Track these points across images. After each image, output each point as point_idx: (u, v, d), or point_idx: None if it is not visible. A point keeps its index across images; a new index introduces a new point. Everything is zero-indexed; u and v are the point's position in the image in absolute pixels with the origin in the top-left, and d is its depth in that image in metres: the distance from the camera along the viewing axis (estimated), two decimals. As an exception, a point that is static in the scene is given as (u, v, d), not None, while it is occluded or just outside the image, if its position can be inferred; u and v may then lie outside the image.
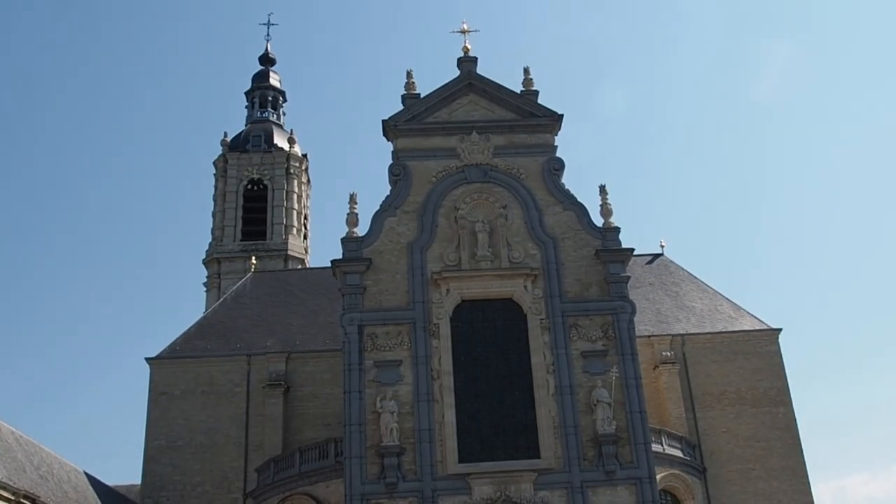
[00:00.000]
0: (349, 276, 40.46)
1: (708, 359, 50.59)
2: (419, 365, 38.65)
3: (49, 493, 38.37)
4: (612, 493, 36.95)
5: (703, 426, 48.80)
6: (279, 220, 73.90)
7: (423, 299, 40.00)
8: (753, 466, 48.06)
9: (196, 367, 49.35)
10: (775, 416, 49.45)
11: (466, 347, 39.69)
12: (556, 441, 37.71)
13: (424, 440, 37.33)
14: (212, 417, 48.22)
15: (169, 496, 46.57)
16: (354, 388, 38.11)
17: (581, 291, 40.69)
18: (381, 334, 39.22)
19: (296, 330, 52.20)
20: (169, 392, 48.72)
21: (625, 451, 37.60)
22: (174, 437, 47.72)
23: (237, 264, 70.16)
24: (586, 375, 38.84)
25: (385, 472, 36.61)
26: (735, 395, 49.79)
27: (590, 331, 39.73)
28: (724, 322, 52.63)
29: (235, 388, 48.95)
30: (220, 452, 47.48)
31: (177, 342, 51.17)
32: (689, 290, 55.42)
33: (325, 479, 41.17)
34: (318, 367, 49.41)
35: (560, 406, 38.22)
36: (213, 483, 46.83)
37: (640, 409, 38.35)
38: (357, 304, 39.83)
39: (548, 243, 41.52)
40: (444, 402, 38.14)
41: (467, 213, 41.89)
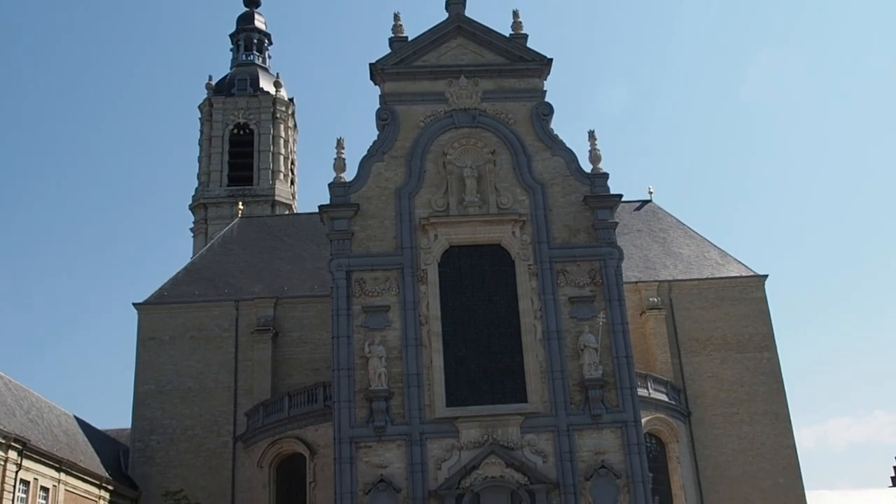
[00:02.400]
0: (337, 222, 40.32)
1: (694, 305, 50.93)
2: (407, 310, 38.74)
3: (39, 437, 38.61)
4: (597, 436, 37.41)
5: (688, 371, 49.32)
6: (266, 165, 73.33)
7: (410, 245, 39.95)
8: (737, 411, 48.72)
9: (184, 313, 49.36)
10: (760, 362, 50.01)
11: (454, 293, 39.77)
12: (543, 385, 38.04)
13: (412, 384, 37.59)
14: (201, 362, 48.39)
15: (159, 440, 46.92)
16: (343, 333, 38.22)
17: (569, 237, 40.71)
18: (369, 280, 39.23)
19: (283, 275, 52.17)
20: (157, 337, 48.79)
21: (611, 396, 37.99)
22: (163, 381, 47.93)
23: (224, 210, 69.77)
24: (573, 321, 39.05)
25: (373, 415, 36.91)
26: (721, 340, 50.24)
27: (577, 276, 39.84)
28: (710, 268, 52.89)
29: (224, 334, 49.06)
30: (209, 397, 47.76)
31: (164, 288, 51.10)
32: (677, 237, 55.56)
33: (314, 422, 41.53)
34: (307, 313, 49.51)
35: (547, 351, 38.47)
36: (203, 427, 47.19)
37: (627, 355, 38.67)
38: (345, 250, 39.76)
39: (536, 189, 41.39)
40: (432, 346, 38.33)
41: (455, 159, 41.64)
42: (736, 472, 47.47)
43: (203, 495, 43.74)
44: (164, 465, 46.26)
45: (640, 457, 37.14)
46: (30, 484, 36.69)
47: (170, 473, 45.76)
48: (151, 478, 45.99)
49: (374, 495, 35.76)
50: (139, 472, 46.40)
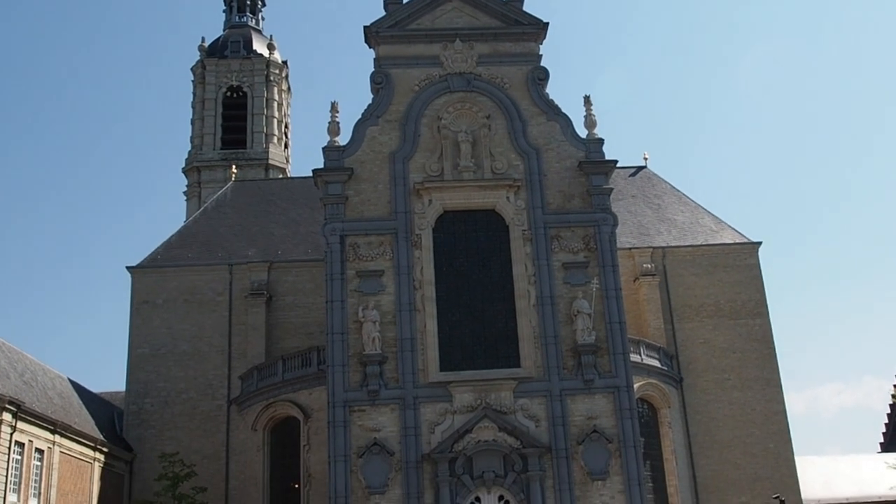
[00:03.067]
0: (331, 186, 40.17)
1: (688, 271, 51.02)
2: (401, 275, 38.75)
3: (34, 399, 38.70)
4: (590, 401, 37.65)
5: (681, 337, 49.54)
6: (259, 128, 72.84)
7: (405, 209, 39.86)
8: (729, 376, 49.02)
9: (178, 276, 49.31)
10: (752, 328, 50.23)
11: (448, 258, 39.78)
12: (536, 350, 38.19)
13: (406, 349, 37.70)
14: (195, 326, 48.41)
15: (153, 402, 47.08)
16: (337, 297, 38.24)
17: (563, 203, 40.64)
18: (363, 244, 39.17)
19: (277, 239, 52.07)
20: (151, 301, 48.76)
21: (603, 361, 38.17)
22: (157, 345, 47.98)
23: (217, 173, 69.41)
24: (567, 286, 39.11)
25: (367, 379, 37.07)
26: (714, 307, 50.41)
27: (571, 242, 39.84)
28: (704, 235, 52.92)
29: (218, 297, 49.04)
30: (203, 360, 47.85)
31: (158, 251, 50.99)
32: (671, 203, 55.52)
33: (307, 386, 41.71)
34: (301, 277, 49.49)
35: (540, 316, 38.57)
36: (198, 390, 47.33)
37: (620, 320, 38.80)
38: (339, 214, 39.66)
39: (531, 154, 41.24)
40: (426, 311, 38.39)
41: (450, 123, 41.41)
42: (726, 438, 47.88)
43: (197, 458, 44.01)
44: (158, 427, 46.47)
45: (631, 422, 37.42)
46: (24, 446, 36.83)
47: (164, 436, 45.98)
48: (146, 440, 46.21)
49: (368, 458, 36.02)
50: (134, 435, 46.62)
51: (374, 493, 35.67)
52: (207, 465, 44.83)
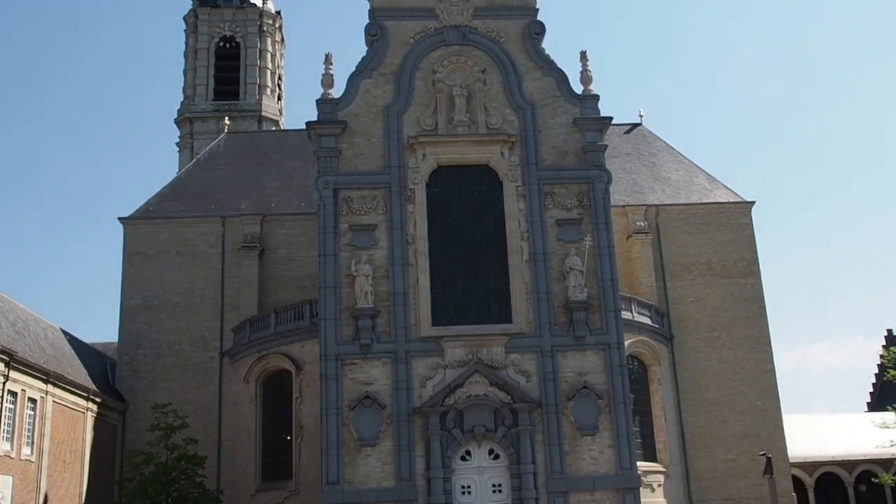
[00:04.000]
0: (324, 139, 39.89)
1: (681, 230, 51.05)
2: (394, 229, 38.66)
3: (26, 349, 38.74)
4: (580, 357, 37.84)
5: (672, 295, 49.72)
6: (253, 79, 72.16)
7: (398, 164, 39.64)
8: (719, 335, 49.32)
9: (170, 228, 49.14)
10: (743, 287, 50.42)
11: (442, 213, 39.67)
12: (528, 306, 38.28)
13: (399, 303, 37.75)
14: (187, 278, 48.36)
15: (146, 354, 47.19)
16: (329, 251, 38.18)
17: (558, 159, 40.46)
18: (357, 198, 39.01)
19: (270, 192, 51.85)
20: (143, 252, 48.65)
21: (595, 318, 38.30)
22: (150, 296, 47.96)
23: (210, 125, 68.85)
24: (560, 243, 39.09)
25: (359, 333, 37.15)
26: (706, 265, 50.54)
27: (565, 199, 39.73)
28: (698, 193, 52.87)
29: (210, 250, 48.93)
30: (196, 312, 47.88)
31: (150, 202, 50.74)
32: (666, 161, 55.36)
33: (300, 339, 41.84)
34: (293, 230, 49.38)
35: (533, 272, 38.61)
36: (190, 342, 47.44)
37: (612, 278, 38.87)
38: (332, 168, 39.43)
39: (526, 109, 40.94)
40: (419, 266, 38.38)
41: (445, 77, 41.01)
42: (715, 395, 48.32)
43: (190, 409, 44.24)
44: (151, 378, 46.65)
45: (621, 378, 37.67)
46: (17, 395, 36.95)
47: (157, 387, 46.18)
48: (139, 391, 46.41)
49: (360, 411, 36.24)
50: (126, 386, 46.80)
51: (365, 445, 35.95)
52: (200, 416, 45.09)
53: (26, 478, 37.53)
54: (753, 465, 46.49)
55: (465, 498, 36.19)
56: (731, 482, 47.21)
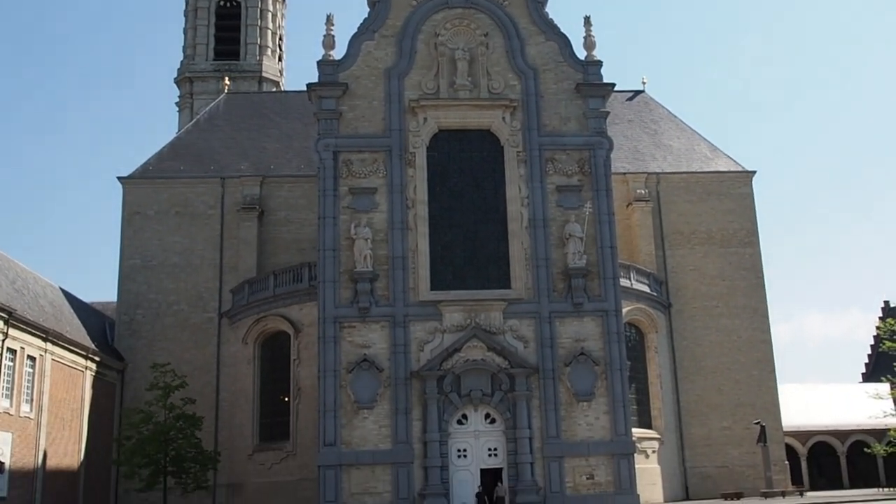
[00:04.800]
0: (325, 101, 39.63)
1: (681, 198, 50.96)
2: (394, 193, 38.56)
3: (25, 307, 38.78)
4: (578, 323, 37.95)
5: (671, 264, 49.77)
6: (253, 39, 71.47)
7: (399, 127, 39.44)
8: (717, 304, 49.44)
9: (169, 188, 49.02)
10: (742, 257, 50.46)
11: (442, 177, 39.55)
12: (527, 272, 38.30)
13: (397, 267, 37.77)
14: (186, 238, 48.33)
15: (145, 314, 47.29)
16: (329, 213, 38.11)
17: (559, 125, 40.26)
18: (357, 161, 38.86)
19: (270, 154, 51.63)
20: (142, 212, 48.56)
21: (593, 285, 38.34)
22: (149, 256, 47.96)
23: (210, 84, 68.33)
24: (560, 209, 39.03)
25: (358, 296, 37.20)
26: (705, 234, 50.53)
27: (566, 165, 39.59)
28: (699, 162, 52.70)
29: (209, 211, 48.85)
30: (194, 273, 47.91)
31: (149, 162, 50.56)
32: (668, 129, 55.10)
33: (298, 301, 41.91)
34: (293, 192, 49.27)
35: (532, 238, 38.58)
36: (189, 302, 47.52)
37: (611, 245, 38.86)
38: (332, 130, 39.23)
39: (528, 74, 40.64)
40: (418, 230, 38.34)
41: (447, 40, 40.65)
42: (711, 364, 48.56)
43: (188, 369, 44.40)
44: (149, 338, 46.79)
45: (619, 345, 37.81)
46: (16, 353, 37.05)
47: (155, 347, 46.33)
48: (137, 350, 46.57)
49: (357, 374, 36.41)
50: (125, 345, 46.95)
51: (362, 407, 36.16)
52: (198, 376, 45.28)
53: (26, 434, 37.78)
54: (747, 434, 46.88)
55: (461, 461, 36.48)
56: (725, 450, 47.62)
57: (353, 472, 35.58)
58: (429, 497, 35.26)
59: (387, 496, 35.44)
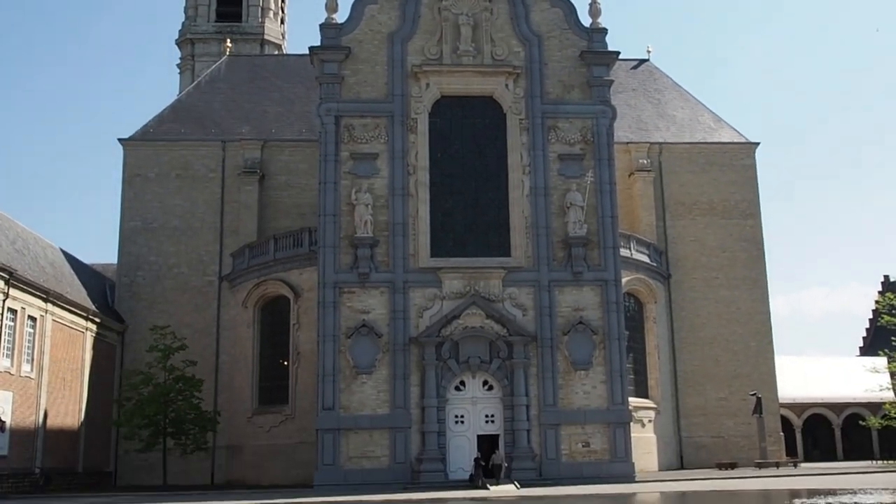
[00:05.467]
0: (327, 65, 39.37)
1: (684, 168, 50.82)
2: (395, 159, 38.43)
3: (26, 267, 38.83)
4: (577, 292, 38.00)
5: (672, 234, 49.75)
6: (255, 1, 70.60)
7: (401, 92, 39.21)
8: (717, 275, 49.49)
9: (170, 151, 48.89)
10: (743, 229, 50.43)
11: (444, 144, 39.39)
12: (527, 241, 38.28)
13: (398, 233, 37.75)
14: (187, 201, 48.29)
15: (145, 276, 47.38)
16: (330, 178, 38.02)
17: (563, 93, 40.02)
18: (359, 126, 38.70)
19: (271, 117, 51.41)
20: (143, 174, 48.48)
21: (593, 254, 38.34)
22: (150, 219, 47.95)
23: (211, 46, 67.77)
24: (561, 178, 38.92)
25: (358, 262, 37.23)
26: (707, 205, 50.45)
27: (568, 134, 39.42)
28: (703, 133, 52.49)
29: (210, 174, 48.76)
30: (195, 236, 47.93)
31: (150, 124, 50.35)
32: (672, 99, 54.80)
33: (298, 266, 41.95)
34: (294, 157, 49.15)
35: (533, 207, 38.50)
36: (189, 265, 47.58)
37: (612, 215, 38.79)
38: (334, 94, 39.00)
39: (532, 41, 40.31)
40: (419, 197, 38.27)
41: (451, 5, 40.23)
42: (709, 335, 48.72)
43: (188, 332, 44.58)
44: (149, 300, 46.92)
45: (617, 315, 37.89)
46: (17, 313, 37.18)
47: (155, 309, 46.47)
48: (137, 312, 46.71)
49: (356, 339, 36.53)
50: (125, 307, 47.09)
51: (361, 373, 36.33)
52: (198, 339, 45.47)
53: (26, 394, 38.01)
54: (743, 405, 47.14)
55: (459, 427, 36.71)
56: (721, 420, 47.92)
57: (351, 437, 35.83)
58: (426, 462, 35.55)
59: (384, 460, 35.72)
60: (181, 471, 42.67)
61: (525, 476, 34.80)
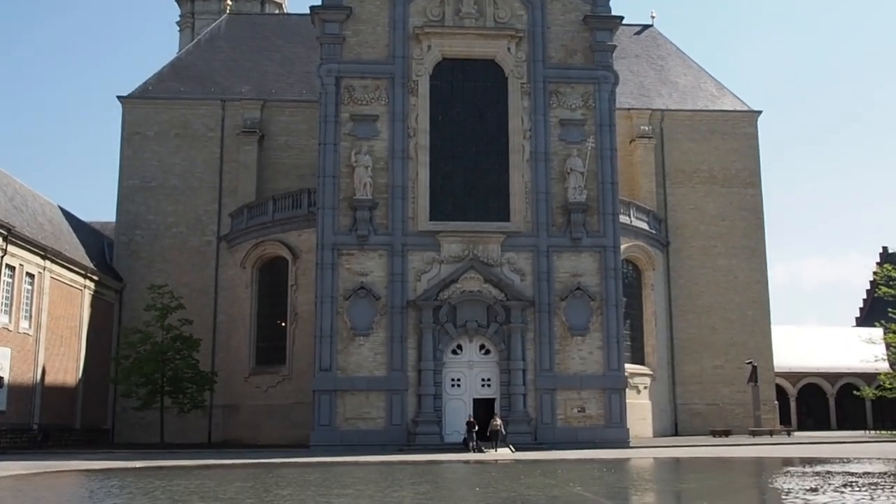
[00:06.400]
0: (328, 25, 38.99)
1: (685, 136, 50.62)
2: (396, 121, 38.21)
3: (24, 224, 38.75)
4: (576, 258, 37.98)
5: (671, 202, 49.67)
6: (256, -43, 69.92)
7: (403, 54, 38.88)
8: (715, 243, 49.50)
9: (169, 109, 48.60)
10: (743, 197, 50.34)
11: (444, 107, 39.14)
12: (527, 206, 38.18)
13: (397, 196, 37.64)
14: (186, 160, 48.11)
15: (143, 235, 47.32)
16: (330, 140, 37.82)
17: (565, 58, 39.69)
18: (359, 87, 38.42)
19: (272, 77, 51.04)
20: (142, 132, 48.24)
21: (593, 220, 38.27)
22: (148, 177, 47.80)
23: (212, 4, 67.12)
24: (562, 143, 38.73)
25: (357, 224, 37.15)
26: (707, 173, 50.32)
27: (570, 99, 39.17)
28: (705, 100, 52.19)
29: (209, 133, 48.52)
30: (194, 195, 47.81)
31: (149, 82, 50.00)
32: (675, 65, 54.42)
33: (297, 227, 41.90)
34: (294, 117, 48.88)
35: (533, 172, 38.36)
36: (188, 224, 47.51)
37: (612, 181, 38.65)
38: (335, 55, 38.67)
39: (535, 4, 39.88)
40: (419, 160, 38.10)
41: (454, -34, 39.76)
42: (707, 303, 48.83)
43: (186, 291, 44.63)
44: (148, 259, 46.92)
45: (615, 281, 37.90)
46: (15, 269, 37.16)
47: (154, 268, 46.48)
48: (136, 271, 46.72)
49: (354, 301, 36.58)
50: (123, 265, 47.08)
51: (358, 334, 36.41)
52: (196, 298, 45.52)
53: (24, 350, 38.13)
54: (739, 373, 47.38)
55: (455, 390, 36.88)
56: (716, 388, 48.19)
57: (347, 398, 36.00)
58: (421, 424, 35.76)
59: (380, 422, 35.92)
60: (178, 429, 42.94)
61: (520, 440, 35.01)
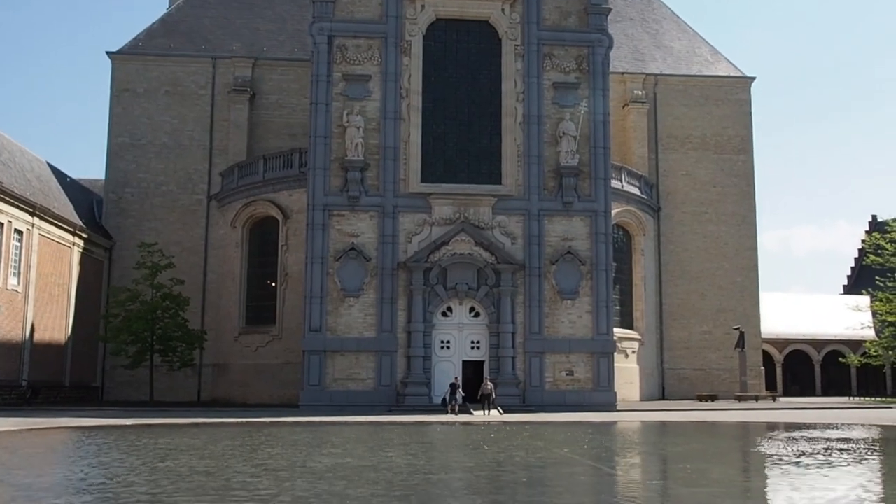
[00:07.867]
0: (321, -17, 38.48)
1: (678, 101, 50.47)
2: (388, 82, 37.90)
3: (12, 180, 38.47)
4: (567, 222, 37.96)
5: (663, 167, 49.65)
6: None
7: (396, 14, 38.46)
8: (706, 210, 49.59)
9: (160, 66, 48.11)
10: (735, 164, 50.36)
11: (437, 68, 38.83)
12: (519, 169, 38.07)
13: (389, 157, 37.45)
14: (176, 118, 47.73)
15: (133, 192, 47.07)
16: (321, 99, 37.52)
17: (560, 20, 39.34)
18: (352, 47, 38.05)
19: (263, 35, 50.50)
20: (132, 89, 47.79)
21: (584, 185, 38.20)
22: (138, 135, 47.44)
23: (203, -41, 66.24)
24: (555, 107, 38.52)
25: (348, 185, 37.01)
26: (700, 139, 50.26)
27: (564, 62, 38.89)
28: (699, 66, 51.96)
29: (200, 91, 48.09)
30: (184, 154, 47.51)
31: (139, 38, 49.42)
32: (670, 30, 54.07)
33: (288, 187, 41.73)
34: (286, 76, 48.47)
35: (526, 135, 38.20)
36: (178, 183, 47.27)
37: (605, 145, 38.52)
38: (328, 14, 38.22)
39: (531, -35, 39.44)
40: (411, 121, 37.87)
41: (450, -75, 39.23)
42: (696, 269, 49.03)
43: (176, 250, 44.52)
44: (137, 217, 46.72)
45: (606, 246, 37.94)
46: (3, 226, 36.95)
47: (143, 226, 46.31)
48: (125, 229, 46.54)
49: (345, 262, 36.54)
50: (113, 223, 46.88)
51: (348, 295, 36.43)
52: (186, 257, 45.43)
53: (13, 307, 38.03)
54: (727, 339, 47.72)
55: (444, 352, 37.03)
56: (704, 353, 48.56)
57: (337, 359, 36.10)
58: (411, 385, 35.93)
59: (370, 383, 36.08)
60: (167, 388, 43.08)
61: (508, 402, 35.23)
